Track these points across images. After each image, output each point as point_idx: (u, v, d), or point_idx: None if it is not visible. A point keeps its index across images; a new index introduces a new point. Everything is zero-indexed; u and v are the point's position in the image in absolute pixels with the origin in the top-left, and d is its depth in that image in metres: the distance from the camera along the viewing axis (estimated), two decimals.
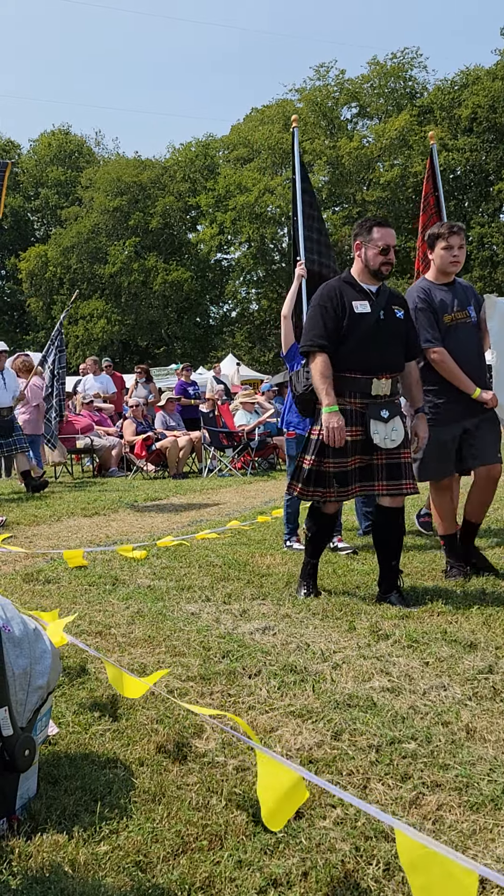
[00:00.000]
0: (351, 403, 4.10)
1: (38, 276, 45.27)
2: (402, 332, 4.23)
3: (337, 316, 4.12)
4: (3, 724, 1.93)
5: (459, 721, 2.58)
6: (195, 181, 46.35)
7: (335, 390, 4.08)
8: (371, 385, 4.09)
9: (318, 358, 4.11)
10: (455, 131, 41.29)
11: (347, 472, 4.12)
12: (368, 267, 4.20)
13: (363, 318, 4.11)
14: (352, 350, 4.09)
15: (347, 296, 4.17)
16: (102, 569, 5.01)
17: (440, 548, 5.43)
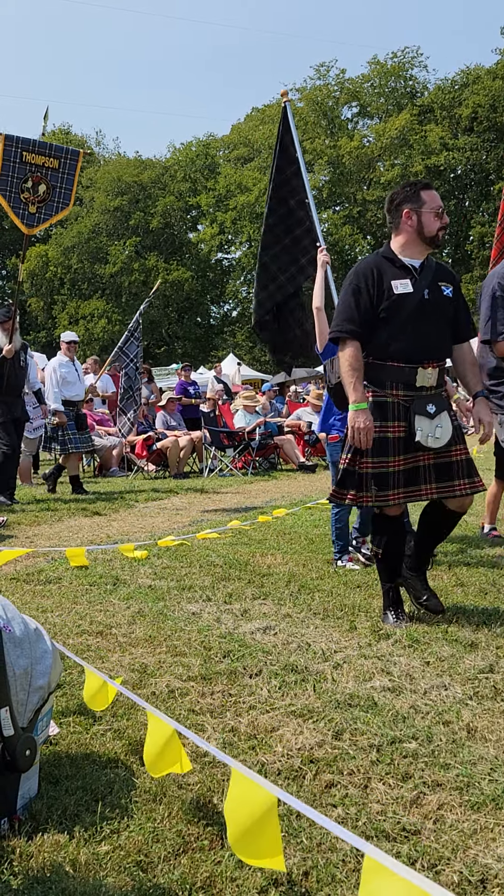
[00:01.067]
0: (393, 395, 3.64)
1: (38, 276, 45.27)
2: (450, 312, 3.75)
3: (372, 298, 3.64)
4: (5, 724, 1.94)
5: (460, 720, 2.58)
6: (196, 181, 46.37)
7: (374, 380, 3.66)
8: (416, 375, 3.62)
9: (348, 346, 3.64)
10: (455, 131, 41.30)
11: (388, 474, 3.63)
12: (424, 234, 3.70)
13: (405, 299, 3.63)
14: (393, 336, 3.62)
15: (386, 274, 3.68)
16: (103, 569, 5.01)
17: (441, 549, 5.43)
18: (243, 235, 43.32)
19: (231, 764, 1.74)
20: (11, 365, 8.52)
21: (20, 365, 8.69)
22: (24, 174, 8.10)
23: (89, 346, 40.60)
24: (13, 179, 8.06)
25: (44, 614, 3.91)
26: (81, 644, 3.43)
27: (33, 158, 8.10)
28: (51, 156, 8.23)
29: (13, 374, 8.56)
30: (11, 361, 8.49)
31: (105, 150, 54.66)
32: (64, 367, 9.73)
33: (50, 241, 46.57)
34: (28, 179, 8.12)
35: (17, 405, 8.72)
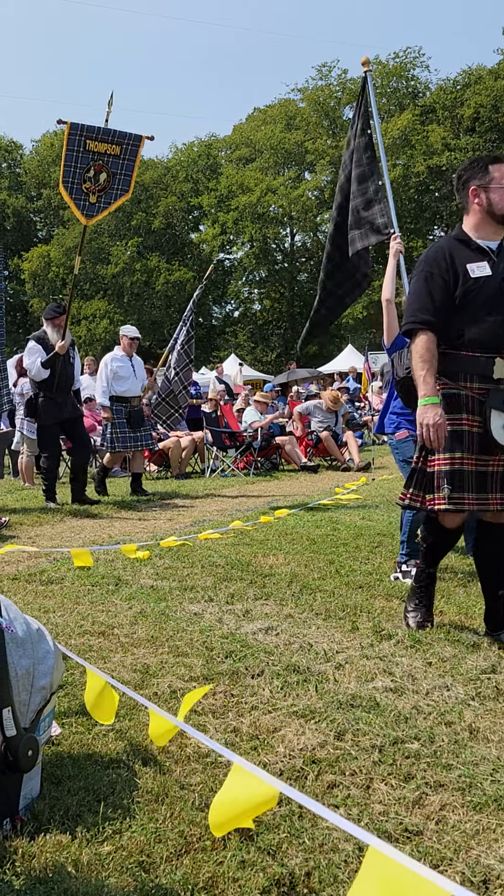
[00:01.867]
0: (467, 388, 3.37)
1: (40, 276, 45.32)
2: None
3: (447, 284, 3.37)
4: (7, 724, 1.94)
5: (462, 721, 2.58)
6: (197, 181, 46.40)
7: (446, 372, 3.39)
8: (493, 366, 3.35)
9: (420, 337, 3.34)
10: (457, 131, 41.27)
11: (464, 472, 3.35)
12: (494, 213, 3.42)
13: (483, 284, 3.36)
14: (468, 323, 3.36)
15: (460, 257, 3.42)
16: (105, 569, 5.01)
17: None
18: (245, 236, 43.34)
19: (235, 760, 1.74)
20: (62, 362, 8.26)
21: (69, 362, 8.43)
22: (87, 163, 7.81)
23: (91, 347, 40.64)
24: (76, 170, 7.80)
25: (46, 615, 3.91)
26: (83, 644, 3.43)
27: (96, 146, 7.80)
28: (113, 142, 7.88)
29: (63, 371, 8.30)
30: (62, 358, 8.24)
31: None
32: (118, 361, 9.33)
33: (52, 242, 46.62)
34: (90, 168, 7.84)
35: (67, 403, 8.44)
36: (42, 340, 8.37)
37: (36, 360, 8.23)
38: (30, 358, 8.29)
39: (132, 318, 42.87)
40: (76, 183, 7.84)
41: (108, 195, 8.02)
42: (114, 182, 8.01)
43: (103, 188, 7.96)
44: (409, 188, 41.02)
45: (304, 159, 43.48)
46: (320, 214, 43.46)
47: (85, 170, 7.80)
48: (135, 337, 9.52)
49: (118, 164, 7.97)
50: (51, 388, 8.25)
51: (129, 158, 8.01)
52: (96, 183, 7.89)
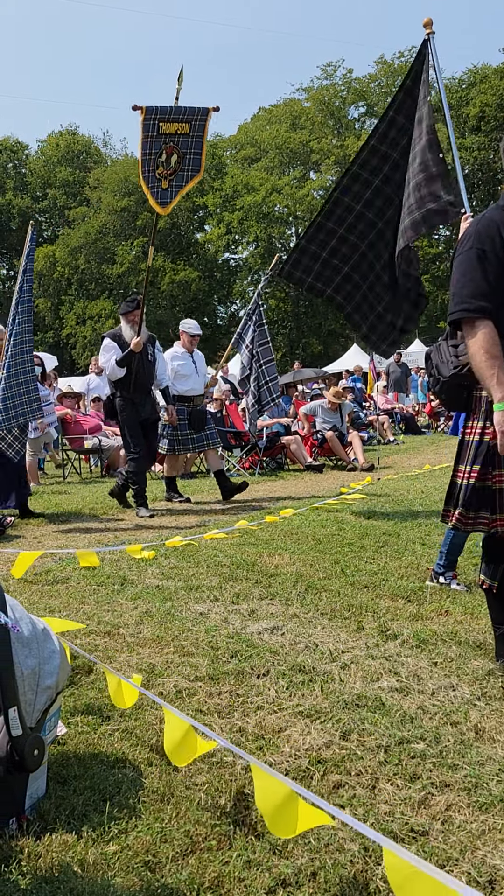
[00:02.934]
0: None
1: (46, 276, 45.38)
2: None
3: (501, 262, 2.88)
4: (13, 723, 1.94)
5: (468, 721, 2.58)
6: (202, 181, 46.39)
7: None
8: None
9: (479, 328, 2.83)
10: (463, 130, 41.20)
11: None
12: None
13: None
14: None
15: None
16: (111, 569, 5.02)
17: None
18: (250, 235, 43.36)
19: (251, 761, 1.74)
20: (139, 359, 7.74)
21: (148, 359, 7.87)
22: (160, 147, 7.25)
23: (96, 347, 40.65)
24: (150, 156, 7.26)
25: (52, 614, 3.91)
26: (89, 644, 3.43)
27: (168, 127, 7.22)
28: (183, 120, 7.27)
29: (141, 369, 7.76)
30: (139, 356, 7.72)
31: (112, 150, 54.79)
32: (179, 359, 8.70)
33: (57, 242, 46.69)
34: (162, 152, 7.28)
35: (146, 404, 7.97)
36: (118, 337, 7.89)
37: (111, 358, 7.76)
38: (104, 356, 7.85)
39: None
40: (151, 170, 7.31)
41: (178, 178, 7.45)
42: (184, 163, 7.41)
43: (174, 171, 7.41)
44: None
45: (309, 159, 43.49)
46: None
47: (158, 154, 7.26)
48: (196, 334, 8.91)
49: (188, 143, 7.37)
50: (127, 387, 7.75)
51: (198, 135, 7.37)
52: (168, 167, 7.35)
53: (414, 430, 19.29)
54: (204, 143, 7.41)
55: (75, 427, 12.25)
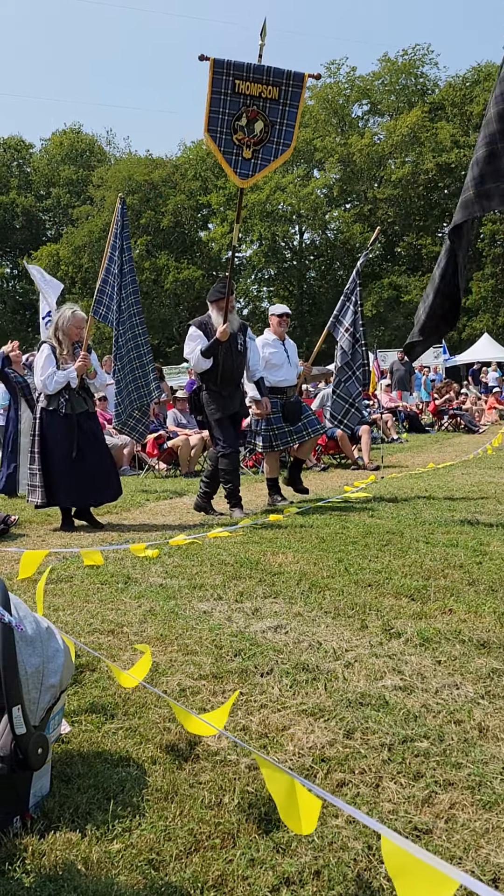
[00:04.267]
0: None
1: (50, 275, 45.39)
2: None
3: None
4: (17, 722, 1.94)
5: (472, 720, 2.58)
6: (206, 179, 46.44)
7: None
8: None
9: None
10: (466, 128, 41.15)
11: None
12: None
13: None
14: None
15: None
16: (115, 567, 5.02)
17: (454, 545, 5.42)
18: (254, 234, 43.35)
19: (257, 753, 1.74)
20: (227, 349, 7.16)
21: (237, 350, 7.28)
22: (237, 109, 6.46)
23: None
24: (224, 117, 6.48)
25: (55, 613, 3.92)
26: (93, 643, 3.43)
27: (248, 88, 6.43)
28: (269, 83, 6.47)
29: (229, 360, 7.20)
30: (227, 345, 7.14)
31: (116, 149, 54.82)
32: (270, 346, 8.04)
33: (61, 241, 46.73)
34: (242, 115, 6.47)
35: (235, 398, 7.39)
36: (204, 326, 7.31)
37: (195, 348, 7.21)
38: (189, 346, 7.29)
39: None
40: (225, 133, 6.51)
41: (266, 150, 6.59)
42: (272, 133, 6.57)
43: (260, 140, 6.56)
44: (418, 185, 40.95)
45: (313, 157, 43.47)
46: (329, 212, 43.43)
47: (235, 117, 6.47)
48: (283, 313, 8.20)
49: (277, 111, 6.54)
50: (214, 379, 7.22)
51: (291, 104, 6.55)
52: (251, 134, 6.52)
53: (417, 429, 19.29)
54: (298, 114, 6.60)
55: None
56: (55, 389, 6.76)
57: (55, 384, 6.75)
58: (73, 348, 6.95)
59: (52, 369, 6.77)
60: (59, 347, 6.89)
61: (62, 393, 6.79)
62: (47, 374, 6.76)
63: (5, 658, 1.96)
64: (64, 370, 6.77)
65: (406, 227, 42.92)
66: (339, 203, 43.70)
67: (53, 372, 6.76)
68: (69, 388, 6.80)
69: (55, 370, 6.77)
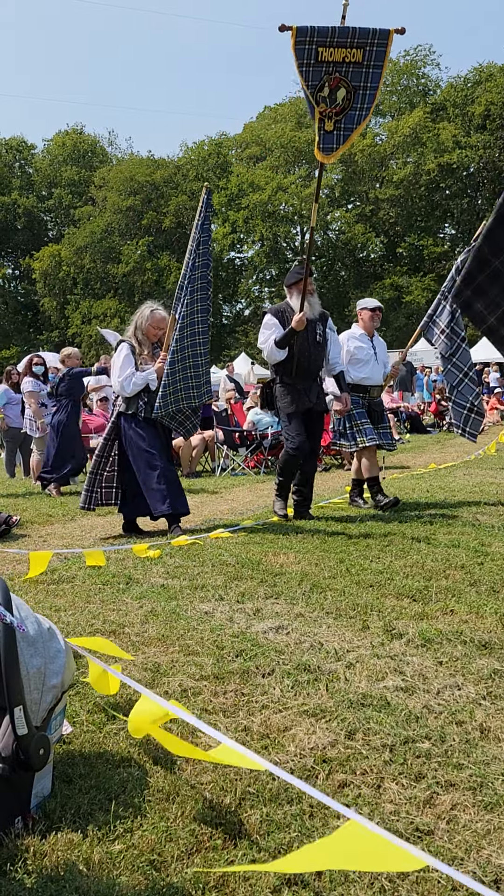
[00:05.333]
0: None
1: (51, 275, 45.47)
2: None
3: None
4: (18, 722, 1.94)
5: (473, 720, 2.57)
6: (208, 180, 46.40)
7: None
8: None
9: None
10: (468, 128, 41.17)
11: None
12: None
13: None
14: None
15: None
16: (116, 568, 5.02)
17: (456, 546, 5.42)
18: (255, 234, 43.35)
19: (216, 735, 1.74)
20: (304, 339, 6.63)
21: (316, 340, 6.74)
22: (320, 78, 5.92)
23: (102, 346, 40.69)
24: (308, 90, 6.00)
25: (57, 613, 3.92)
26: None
27: (331, 54, 5.85)
28: (353, 45, 5.85)
29: (306, 351, 6.66)
30: (304, 335, 6.62)
31: (118, 149, 54.87)
32: (356, 340, 7.54)
33: (63, 241, 46.76)
34: (324, 86, 5.92)
35: (311, 392, 6.81)
36: (281, 313, 6.80)
37: (270, 337, 6.70)
38: (263, 334, 6.78)
39: None
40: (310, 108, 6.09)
41: (348, 119, 6.03)
42: (355, 99, 5.98)
43: (342, 109, 5.99)
44: (419, 186, 40.93)
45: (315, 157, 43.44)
46: (331, 213, 43.41)
47: (318, 87, 5.93)
48: (376, 307, 7.69)
49: (360, 75, 5.95)
50: (289, 371, 6.72)
51: (375, 64, 5.94)
52: (333, 104, 5.97)
53: (419, 429, 19.29)
54: (382, 75, 6.01)
55: (81, 426, 12.26)
56: (133, 392, 6.39)
57: (133, 386, 6.38)
58: (153, 348, 6.61)
59: (130, 370, 6.40)
60: (138, 347, 6.55)
61: (141, 396, 6.43)
62: (125, 375, 6.39)
63: (7, 659, 1.96)
64: (143, 372, 6.42)
65: (408, 227, 42.91)
66: (341, 203, 43.69)
67: (132, 374, 6.39)
68: (148, 391, 6.44)
69: (133, 371, 6.40)
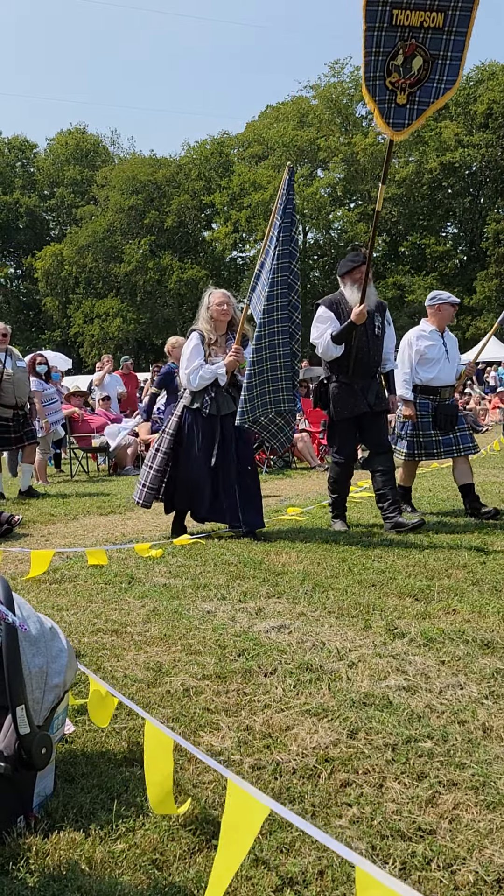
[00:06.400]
0: None
1: (53, 275, 45.48)
2: None
3: None
4: (21, 722, 1.94)
5: (476, 720, 2.57)
6: (210, 179, 46.44)
7: None
8: None
9: None
10: (470, 127, 41.11)
11: None
12: None
13: None
14: None
15: None
16: (118, 567, 5.02)
17: (458, 545, 5.42)
18: (257, 233, 43.30)
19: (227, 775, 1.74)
20: (362, 333, 5.99)
21: (374, 333, 6.10)
22: (393, 44, 5.23)
23: (104, 346, 40.74)
24: (378, 58, 5.23)
25: (59, 613, 3.93)
26: (97, 643, 3.44)
27: (407, 18, 5.18)
28: (433, 8, 5.16)
29: (364, 346, 6.05)
30: (363, 329, 5.98)
31: (120, 149, 54.88)
32: (426, 338, 6.90)
33: (65, 241, 46.77)
34: (398, 53, 5.23)
35: (370, 392, 6.16)
36: (336, 305, 6.15)
37: (325, 331, 6.07)
38: (317, 329, 6.14)
39: (145, 316, 42.97)
40: (379, 78, 5.28)
41: (424, 91, 5.32)
42: (434, 70, 5.31)
43: (418, 80, 5.30)
44: (421, 185, 40.89)
45: (317, 157, 43.42)
46: (333, 212, 43.38)
47: (390, 56, 5.23)
48: (455, 302, 7.08)
49: (440, 42, 5.27)
50: (345, 369, 6.10)
51: (458, 31, 5.24)
52: (407, 74, 5.27)
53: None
54: (466, 41, 5.27)
55: (83, 425, 12.28)
56: (200, 386, 5.92)
57: (200, 380, 5.90)
58: (225, 339, 6.10)
59: (198, 362, 5.92)
60: (208, 336, 6.06)
61: (208, 390, 5.95)
62: (192, 367, 5.92)
63: (9, 658, 1.97)
64: (212, 365, 5.93)
65: (410, 226, 42.87)
66: (343, 202, 43.65)
67: (199, 366, 5.91)
68: (216, 386, 5.94)
69: (202, 363, 5.92)
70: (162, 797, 1.99)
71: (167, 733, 2.06)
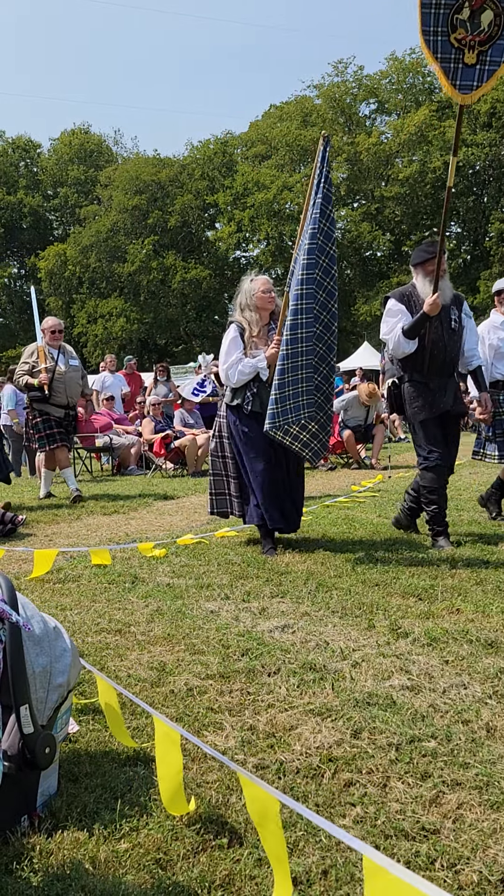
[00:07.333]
0: None
1: (57, 275, 45.51)
2: None
3: None
4: (24, 721, 1.95)
5: (479, 720, 2.57)
6: (213, 179, 46.44)
7: None
8: None
9: None
10: (474, 126, 41.02)
11: None
12: None
13: None
14: None
15: None
16: (122, 567, 5.03)
17: (461, 544, 5.41)
18: (261, 233, 43.33)
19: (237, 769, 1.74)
20: (437, 328, 5.44)
21: (450, 328, 5.51)
22: None
23: (108, 346, 40.77)
24: (440, 10, 4.58)
25: (63, 612, 3.93)
26: (100, 642, 3.44)
27: None
28: None
29: (440, 342, 5.47)
30: (437, 322, 5.42)
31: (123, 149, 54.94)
32: (499, 329, 6.47)
33: (68, 240, 46.81)
34: (463, 6, 4.56)
35: (448, 391, 5.56)
36: (407, 297, 5.59)
37: (396, 325, 5.50)
38: (388, 323, 5.57)
39: (148, 315, 43.00)
40: (441, 34, 4.64)
41: (496, 50, 4.64)
42: None
43: (490, 37, 4.62)
44: (425, 184, 40.83)
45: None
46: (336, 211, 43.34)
47: (454, 9, 4.58)
48: None
49: None
50: (420, 367, 5.52)
51: None
52: (475, 30, 4.60)
53: None
54: None
55: (86, 425, 12.28)
56: (239, 382, 5.44)
57: (239, 375, 5.42)
58: (267, 329, 5.58)
59: (237, 355, 5.44)
60: (248, 328, 5.55)
61: (250, 385, 5.45)
62: (230, 362, 5.45)
63: (13, 658, 1.97)
64: (252, 357, 5.45)
65: (413, 225, 42.81)
66: (347, 202, 43.63)
67: (238, 360, 5.43)
68: (258, 380, 5.44)
69: (241, 357, 5.43)
70: (173, 793, 2.00)
71: (175, 728, 2.06)
